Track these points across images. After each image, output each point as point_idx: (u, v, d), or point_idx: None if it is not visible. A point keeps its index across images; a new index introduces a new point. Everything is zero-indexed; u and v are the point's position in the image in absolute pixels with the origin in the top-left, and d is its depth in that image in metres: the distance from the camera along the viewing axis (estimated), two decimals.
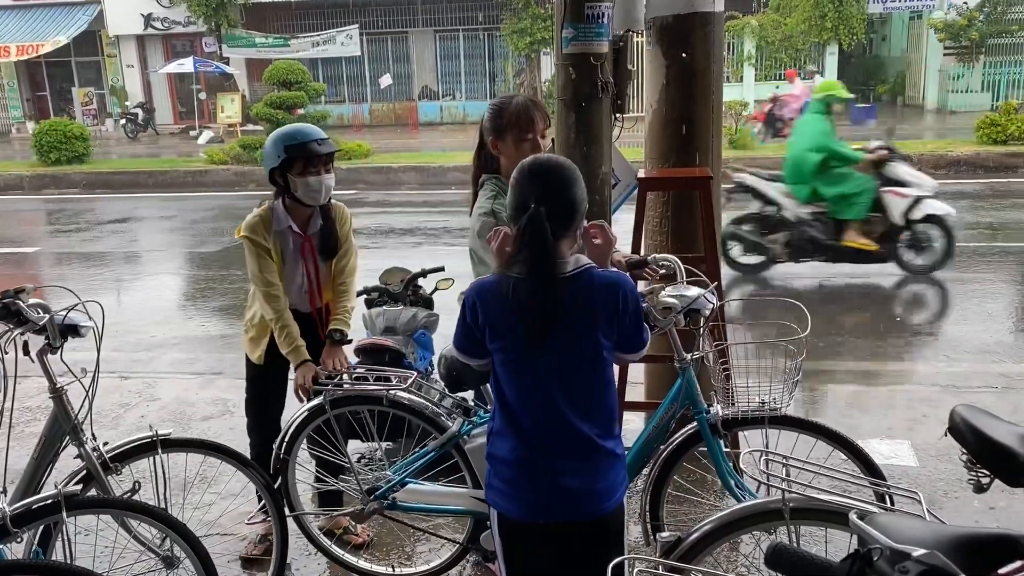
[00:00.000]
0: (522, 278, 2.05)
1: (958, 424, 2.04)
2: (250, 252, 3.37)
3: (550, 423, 2.12)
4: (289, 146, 3.25)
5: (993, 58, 22.20)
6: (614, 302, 2.10)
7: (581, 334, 2.09)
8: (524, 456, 2.14)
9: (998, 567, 1.86)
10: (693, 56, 4.16)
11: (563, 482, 2.12)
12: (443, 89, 26.79)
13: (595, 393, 2.15)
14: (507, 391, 2.16)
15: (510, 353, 2.13)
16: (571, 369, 2.11)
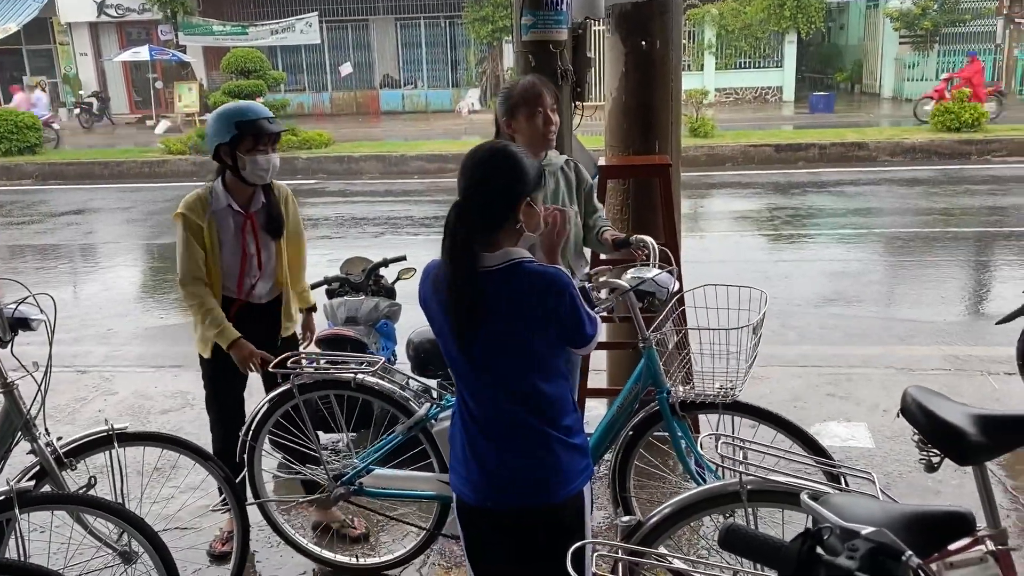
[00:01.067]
0: (447, 270, 2.05)
1: (910, 405, 2.09)
2: (180, 232, 3.30)
3: (496, 413, 2.12)
4: (240, 122, 3.19)
5: (947, 47, 22.59)
6: (542, 298, 2.03)
7: (509, 329, 2.05)
8: (474, 442, 2.16)
9: (949, 543, 1.92)
10: (652, 44, 4.17)
11: (512, 470, 2.12)
12: (405, 77, 26.60)
13: (537, 385, 2.10)
14: (455, 377, 2.19)
15: (446, 341, 2.13)
16: (506, 362, 2.08)
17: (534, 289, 2.03)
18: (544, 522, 2.15)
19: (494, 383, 2.11)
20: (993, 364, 5.19)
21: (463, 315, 2.02)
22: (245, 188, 3.32)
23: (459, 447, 2.21)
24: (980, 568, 2.03)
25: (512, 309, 2.04)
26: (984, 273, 7.79)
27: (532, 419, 2.10)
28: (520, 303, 2.03)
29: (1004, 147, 13.72)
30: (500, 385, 2.10)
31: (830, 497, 1.74)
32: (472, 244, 2.03)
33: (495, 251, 2.05)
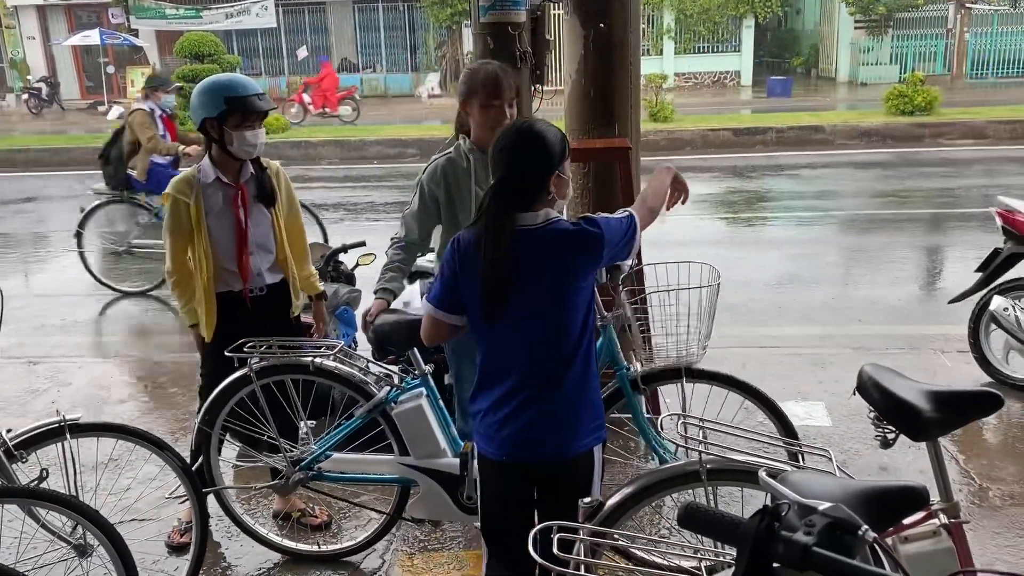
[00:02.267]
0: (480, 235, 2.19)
1: (865, 383, 2.11)
2: (170, 213, 3.23)
3: (521, 370, 2.25)
4: (230, 98, 3.11)
5: (900, 32, 22.92)
6: (575, 253, 2.21)
7: (543, 286, 2.20)
8: (498, 399, 2.28)
9: (904, 517, 1.95)
10: (611, 27, 4.17)
11: (532, 424, 2.25)
12: (363, 61, 26.31)
13: (563, 343, 2.24)
14: (479, 339, 2.30)
15: (480, 302, 2.22)
16: (537, 320, 2.23)
17: (569, 244, 2.21)
18: (554, 477, 2.31)
19: (524, 340, 2.24)
20: (947, 342, 5.30)
21: (502, 273, 2.15)
22: (233, 162, 3.25)
23: (482, 412, 2.33)
24: (934, 541, 2.07)
25: (553, 264, 2.20)
26: (937, 254, 7.94)
27: (559, 374, 2.24)
28: (555, 257, 2.20)
29: (956, 130, 13.97)
30: (528, 342, 2.24)
31: (788, 475, 1.75)
32: (510, 216, 2.18)
33: (534, 212, 2.21)
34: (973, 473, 3.84)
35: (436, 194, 3.16)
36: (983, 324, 4.76)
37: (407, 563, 3.36)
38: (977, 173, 11.20)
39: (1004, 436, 4.21)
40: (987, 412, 2.07)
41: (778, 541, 1.08)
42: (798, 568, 1.06)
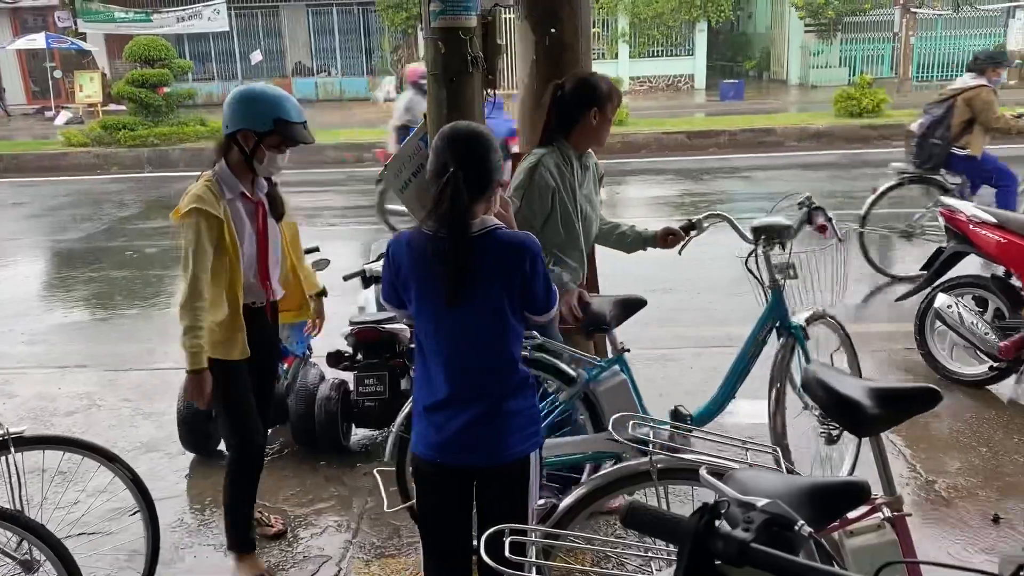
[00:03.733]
0: (439, 236, 2.20)
1: (809, 381, 2.16)
2: (196, 230, 2.93)
3: (465, 374, 2.28)
4: (280, 120, 2.98)
5: (849, 35, 23.38)
6: (520, 262, 2.24)
7: (487, 291, 2.23)
8: (436, 403, 2.30)
9: (848, 511, 1.99)
10: (562, 31, 4.19)
11: (467, 429, 2.27)
12: (318, 65, 26.12)
13: (505, 348, 2.29)
14: (424, 341, 2.32)
15: (425, 305, 2.27)
16: (479, 324, 2.25)
17: (509, 251, 2.24)
18: (490, 481, 2.34)
19: (469, 344, 2.27)
20: (894, 340, 5.42)
21: (459, 277, 2.19)
22: (247, 174, 3.10)
23: (420, 411, 2.35)
24: (878, 534, 2.12)
25: (490, 271, 2.23)
26: (887, 253, 8.11)
27: (496, 381, 2.29)
28: (497, 265, 2.23)
29: (903, 131, 14.26)
30: (472, 346, 2.27)
31: (735, 473, 1.78)
32: (467, 212, 2.21)
33: (474, 220, 2.24)
34: (920, 467, 3.94)
35: (552, 185, 3.30)
36: (928, 321, 4.88)
37: (364, 570, 3.34)
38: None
39: (950, 430, 4.32)
40: (926, 407, 2.12)
41: (717, 538, 1.10)
42: (736, 564, 1.08)
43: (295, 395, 4.17)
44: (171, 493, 3.94)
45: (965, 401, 4.63)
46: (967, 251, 4.81)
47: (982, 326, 4.57)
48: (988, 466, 3.93)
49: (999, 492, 3.70)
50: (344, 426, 4.22)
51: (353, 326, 4.17)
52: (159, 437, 4.51)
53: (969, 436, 4.23)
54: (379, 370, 4.12)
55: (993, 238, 4.57)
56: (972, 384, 4.75)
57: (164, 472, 4.16)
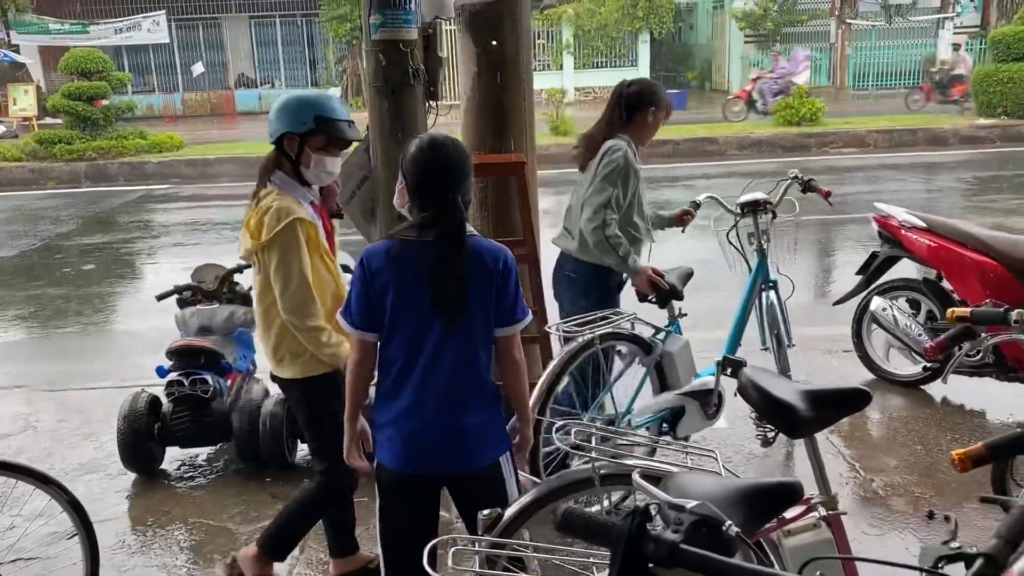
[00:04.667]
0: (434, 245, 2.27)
1: (745, 385, 2.21)
2: (297, 240, 2.79)
3: (446, 380, 2.33)
4: (319, 117, 2.86)
5: (787, 46, 23.92)
6: (495, 267, 2.32)
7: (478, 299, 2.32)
8: (411, 414, 2.35)
9: (783, 511, 2.04)
10: (503, 44, 4.23)
11: (443, 439, 2.35)
12: (261, 77, 25.84)
13: (479, 355, 2.36)
14: (397, 350, 2.34)
15: (406, 313, 2.31)
16: (459, 333, 2.32)
17: (488, 259, 2.32)
18: (464, 489, 2.43)
19: (455, 353, 2.32)
20: (833, 343, 5.55)
21: (458, 290, 2.27)
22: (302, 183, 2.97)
23: (387, 423, 2.38)
24: (814, 533, 2.18)
25: (477, 278, 2.30)
26: (825, 258, 8.32)
27: (472, 386, 2.36)
28: (477, 272, 2.30)
29: (840, 139, 14.68)
30: (459, 353, 2.32)
31: (674, 476, 1.82)
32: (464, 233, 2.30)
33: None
34: (859, 467, 4.04)
35: (638, 170, 3.73)
36: (865, 324, 5.02)
37: None
38: (860, 180, 11.79)
39: (886, 430, 4.44)
40: (857, 408, 2.19)
41: (648, 540, 1.13)
42: (667, 565, 1.11)
43: (239, 412, 4.11)
44: (112, 515, 3.86)
45: (901, 401, 4.77)
46: (900, 255, 4.96)
47: (915, 328, 4.71)
48: (923, 464, 4.04)
49: (933, 489, 3.81)
50: (290, 442, 4.17)
51: None
52: (99, 458, 4.41)
53: (905, 435, 4.35)
54: None
55: (924, 242, 4.72)
56: (907, 384, 4.89)
57: (104, 494, 4.06)
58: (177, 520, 3.82)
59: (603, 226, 3.60)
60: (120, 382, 5.30)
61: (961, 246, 4.57)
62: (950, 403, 4.70)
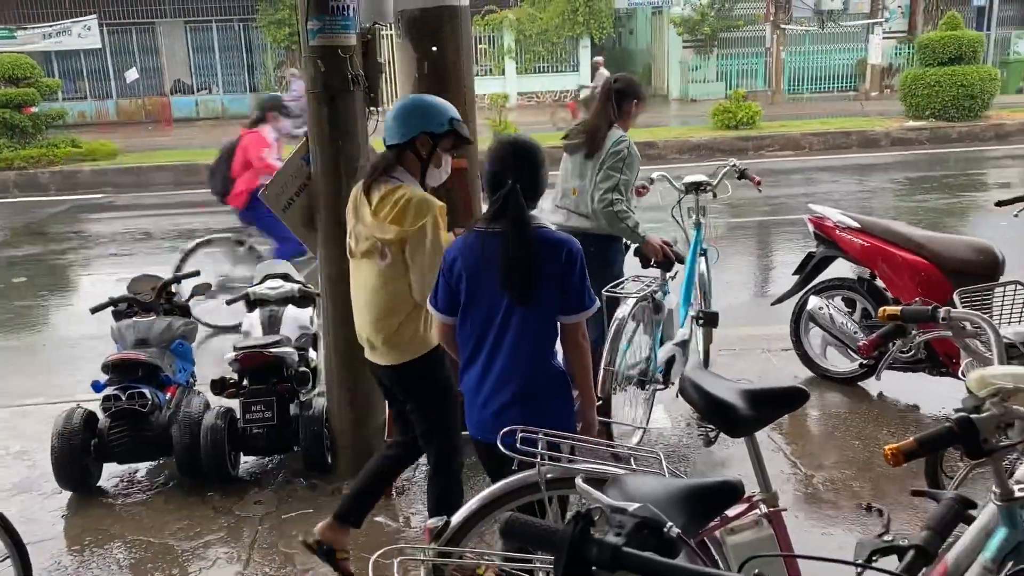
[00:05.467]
0: (502, 234, 2.53)
1: (685, 386, 2.24)
2: (440, 230, 2.93)
3: (512, 358, 2.58)
4: (454, 120, 2.99)
5: (725, 51, 24.38)
6: (559, 258, 2.54)
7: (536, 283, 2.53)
8: (488, 388, 2.62)
9: (725, 510, 2.07)
10: (443, 49, 4.22)
11: (500, 413, 2.57)
12: (198, 83, 25.36)
13: (546, 335, 2.60)
14: (471, 333, 2.63)
15: (488, 296, 2.57)
16: (528, 317, 2.55)
17: (555, 249, 2.55)
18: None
19: (521, 335, 2.56)
20: (772, 342, 5.66)
21: (523, 272, 2.51)
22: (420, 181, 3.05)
23: (474, 394, 2.66)
24: (756, 530, 2.21)
25: (540, 268, 2.53)
26: (763, 259, 8.48)
27: (539, 368, 2.60)
28: (542, 260, 2.53)
29: (776, 142, 14.99)
30: (524, 335, 2.56)
31: (617, 479, 1.83)
32: (527, 220, 2.56)
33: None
34: (800, 463, 4.12)
35: (638, 161, 4.39)
36: (802, 323, 5.13)
37: None
38: (796, 182, 12.06)
39: (826, 426, 4.54)
40: (795, 406, 2.24)
41: (591, 544, 1.13)
42: (610, 569, 1.12)
43: (179, 425, 4.02)
44: (46, 535, 3.74)
45: (838, 397, 4.88)
46: (835, 255, 5.08)
47: (851, 325, 4.83)
48: (860, 458, 4.15)
49: (871, 483, 3.91)
50: (232, 455, 4.09)
51: (238, 351, 4.06)
52: (32, 477, 4.27)
53: (843, 431, 4.45)
54: (266, 396, 4.03)
55: (858, 242, 4.85)
56: (844, 381, 5.01)
57: (38, 513, 3.94)
58: (116, 538, 3.72)
59: (612, 204, 4.23)
60: (54, 398, 5.14)
61: (894, 246, 4.71)
62: (886, 398, 4.83)
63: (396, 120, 2.98)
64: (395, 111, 3.00)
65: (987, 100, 15.59)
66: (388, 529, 3.71)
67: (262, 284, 4.73)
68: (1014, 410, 1.57)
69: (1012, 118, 15.68)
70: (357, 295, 3.09)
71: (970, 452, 1.52)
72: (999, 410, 1.55)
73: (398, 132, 2.97)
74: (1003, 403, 1.57)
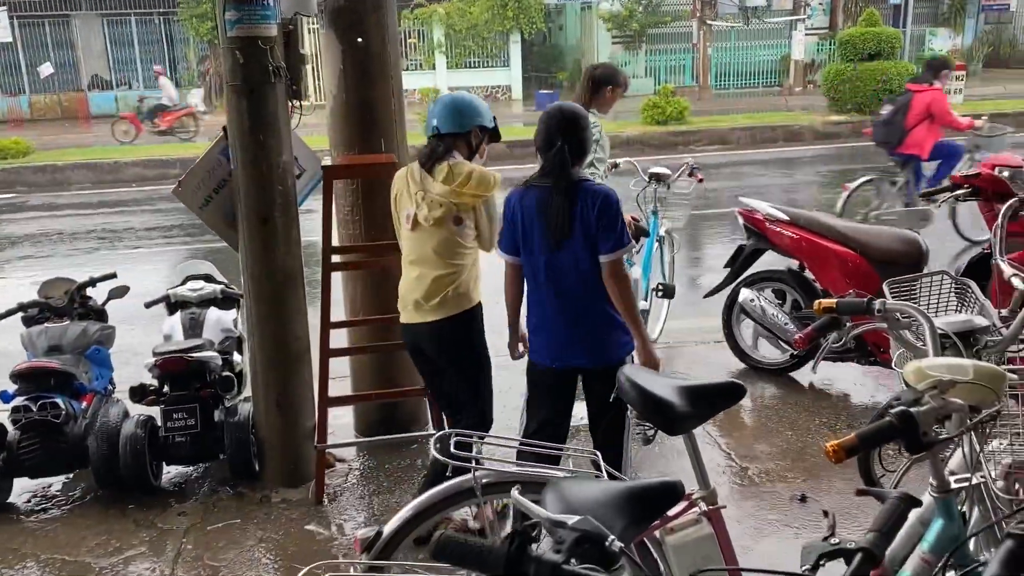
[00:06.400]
0: (547, 188, 3.02)
1: (623, 384, 2.19)
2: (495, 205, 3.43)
3: (568, 293, 3.04)
4: (494, 118, 3.45)
5: (653, 47, 24.60)
6: (599, 204, 2.96)
7: (581, 228, 2.97)
8: (546, 317, 3.11)
9: (666, 510, 2.02)
10: (369, 41, 4.10)
11: (569, 339, 3.07)
12: (117, 78, 24.48)
13: (593, 271, 3.00)
14: (534, 274, 3.10)
15: (538, 240, 3.03)
16: (577, 257, 2.99)
17: (595, 197, 2.98)
18: (597, 379, 3.09)
19: (570, 269, 3.01)
20: (706, 333, 5.70)
21: (561, 220, 2.97)
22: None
23: (533, 324, 3.16)
24: (695, 529, 2.18)
25: (583, 214, 2.97)
26: (694, 252, 8.55)
27: (591, 299, 3.03)
28: (585, 210, 2.97)
29: (705, 137, 15.18)
30: (572, 270, 3.01)
31: (554, 484, 1.77)
32: (571, 174, 3.01)
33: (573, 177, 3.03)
34: (734, 455, 4.13)
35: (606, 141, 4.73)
36: (734, 315, 5.16)
37: None
38: (725, 176, 12.22)
39: (759, 417, 4.57)
40: (733, 401, 2.20)
41: (529, 562, 1.06)
42: None
43: (96, 435, 3.82)
44: None
45: (770, 388, 4.93)
46: (765, 247, 5.12)
47: (782, 317, 4.88)
48: (794, 448, 4.18)
49: (805, 473, 3.94)
50: (153, 465, 3.91)
51: (157, 356, 3.88)
52: None
53: (776, 421, 4.49)
54: (189, 402, 3.86)
55: (787, 235, 4.89)
56: (776, 371, 5.06)
57: None
58: (28, 558, 3.51)
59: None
60: None
61: (822, 237, 4.77)
62: (816, 388, 4.89)
63: (454, 112, 3.35)
64: (453, 104, 3.37)
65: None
66: (320, 538, 3.59)
67: (183, 286, 4.54)
68: (952, 402, 1.56)
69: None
70: (418, 260, 3.37)
71: (911, 446, 1.50)
72: (938, 403, 1.54)
73: (456, 123, 3.34)
74: (941, 396, 1.55)
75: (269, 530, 3.64)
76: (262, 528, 3.65)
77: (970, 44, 25.24)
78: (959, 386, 1.60)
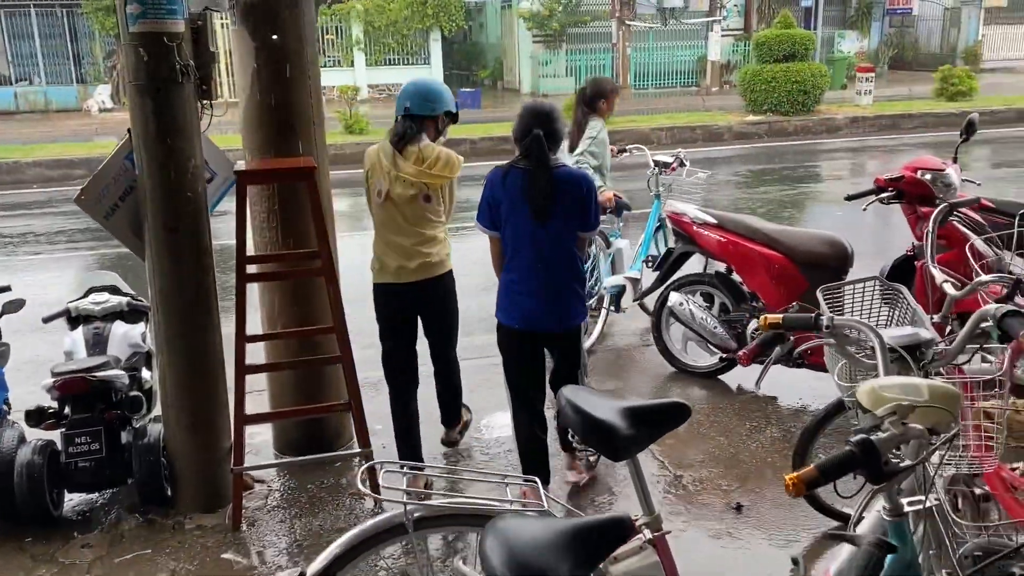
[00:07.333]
0: (529, 170, 3.39)
1: (564, 407, 2.06)
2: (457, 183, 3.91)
3: (543, 266, 3.43)
4: (457, 103, 3.89)
5: (573, 46, 24.68)
6: (577, 189, 3.42)
7: (560, 209, 3.40)
8: (519, 288, 3.48)
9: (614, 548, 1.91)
10: (284, 38, 3.89)
11: (544, 306, 3.47)
12: (17, 73, 23.26)
13: (569, 248, 3.47)
14: (513, 246, 3.46)
15: (521, 219, 3.41)
16: (555, 233, 3.41)
17: (573, 182, 3.42)
18: (557, 342, 3.61)
19: (548, 248, 3.41)
20: (636, 337, 5.65)
21: (543, 198, 3.37)
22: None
23: (509, 291, 3.52)
24: (640, 557, 2.07)
25: (561, 196, 3.38)
26: None
27: (564, 271, 3.46)
28: (565, 191, 3.39)
29: (626, 137, 15.16)
30: (550, 246, 3.41)
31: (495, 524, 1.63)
32: (548, 159, 3.38)
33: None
34: (668, 463, 4.07)
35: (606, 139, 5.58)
36: (664, 319, 5.12)
37: None
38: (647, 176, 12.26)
39: (690, 422, 4.49)
40: (678, 422, 2.11)
41: None
42: None
43: None
44: None
45: (700, 392, 4.90)
46: (693, 251, 5.09)
47: (711, 320, 4.85)
48: (726, 454, 4.15)
49: (739, 480, 3.90)
50: (54, 493, 3.62)
51: (56, 377, 3.59)
52: None
53: (708, 426, 4.45)
54: (92, 425, 3.58)
55: (714, 238, 4.87)
56: (705, 375, 5.04)
57: None
58: None
59: (577, 162, 5.22)
60: None
61: (749, 240, 4.76)
62: (745, 391, 4.88)
63: (427, 97, 3.72)
64: (427, 90, 3.76)
65: (818, 95, 16.45)
66: (238, 567, 3.37)
67: (85, 298, 4.23)
68: (912, 428, 1.48)
69: (840, 112, 16.64)
70: (391, 229, 3.76)
71: (873, 477, 1.42)
72: (899, 430, 1.46)
73: (428, 107, 3.71)
74: (902, 422, 1.47)
75: (183, 560, 3.41)
76: (175, 558, 3.42)
77: (876, 47, 26.13)
78: (917, 409, 1.53)
